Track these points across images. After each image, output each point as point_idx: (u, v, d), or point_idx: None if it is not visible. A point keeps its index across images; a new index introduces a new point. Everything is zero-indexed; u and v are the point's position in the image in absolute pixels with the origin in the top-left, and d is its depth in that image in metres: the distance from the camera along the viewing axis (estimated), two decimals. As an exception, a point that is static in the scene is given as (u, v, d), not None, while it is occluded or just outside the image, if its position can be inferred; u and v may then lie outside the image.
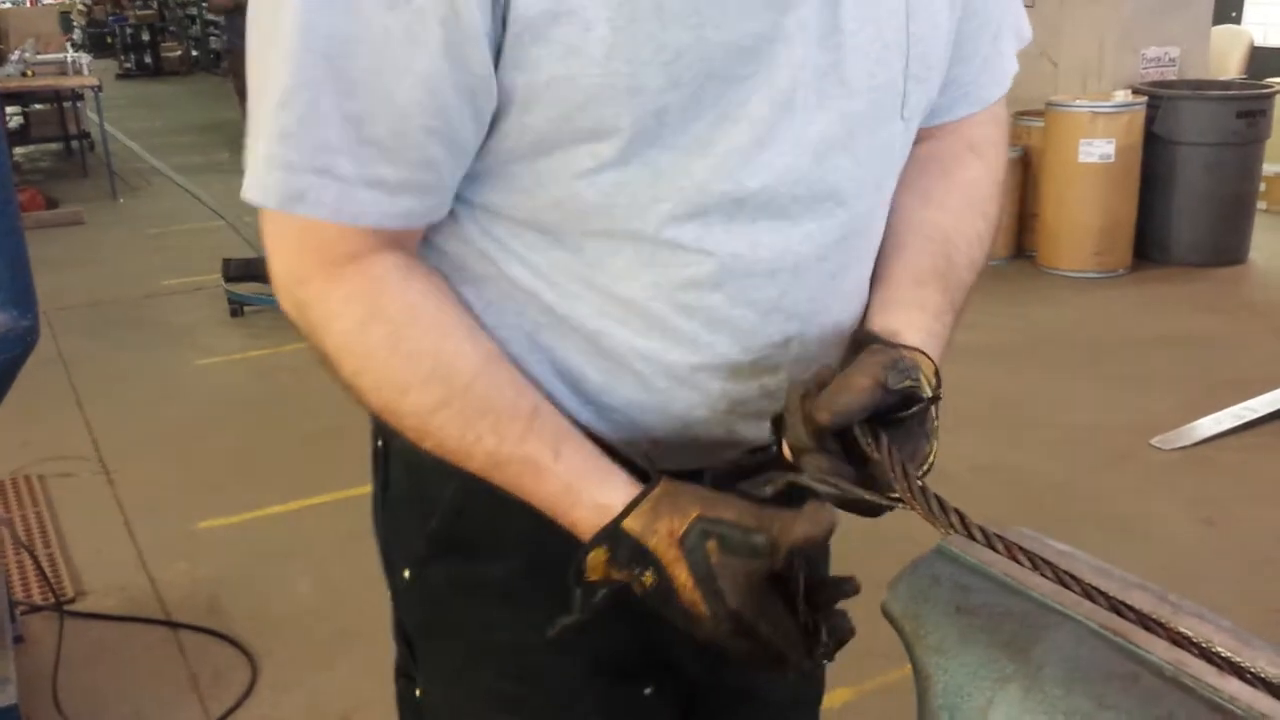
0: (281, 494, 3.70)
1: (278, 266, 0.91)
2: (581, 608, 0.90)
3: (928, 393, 0.89)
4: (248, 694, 2.70)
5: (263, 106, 0.83)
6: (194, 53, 18.03)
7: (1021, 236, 6.13)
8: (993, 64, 1.10)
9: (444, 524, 1.03)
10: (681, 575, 0.85)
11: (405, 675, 1.13)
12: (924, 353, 0.93)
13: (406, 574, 1.07)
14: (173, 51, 17.56)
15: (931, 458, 0.90)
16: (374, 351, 0.89)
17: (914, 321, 0.98)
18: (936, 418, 0.91)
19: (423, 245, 0.95)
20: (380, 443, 1.09)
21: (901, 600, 0.79)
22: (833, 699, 2.65)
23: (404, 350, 0.89)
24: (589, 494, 0.90)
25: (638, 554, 0.87)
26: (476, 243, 0.94)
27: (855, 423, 0.85)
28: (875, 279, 1.03)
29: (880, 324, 0.98)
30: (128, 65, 17.42)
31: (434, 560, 1.04)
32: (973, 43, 1.06)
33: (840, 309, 0.99)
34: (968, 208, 1.08)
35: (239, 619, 3.01)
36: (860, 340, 0.94)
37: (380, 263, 0.89)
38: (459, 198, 0.93)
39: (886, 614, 0.80)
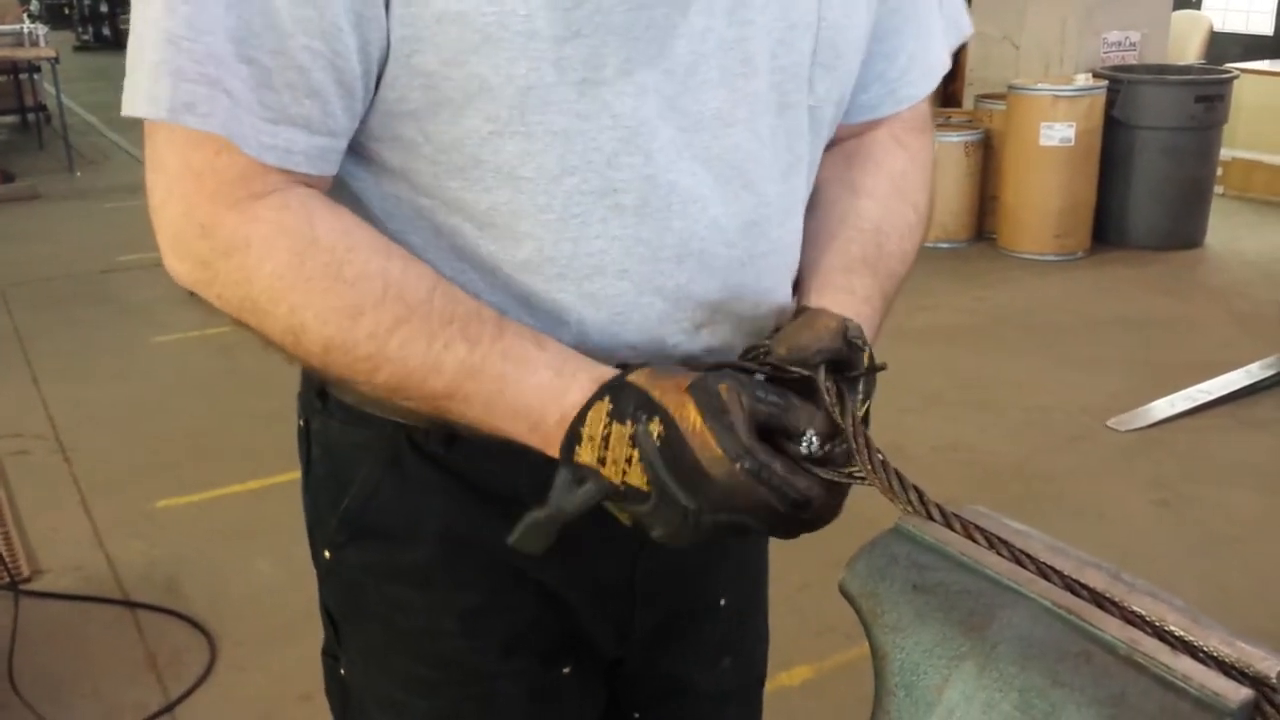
0: (241, 473, 3.67)
1: (172, 223, 0.83)
2: (558, 501, 0.84)
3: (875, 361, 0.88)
4: (206, 674, 2.69)
5: (149, 13, 0.79)
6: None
7: (982, 219, 6.17)
8: (919, 61, 1.07)
9: (356, 507, 1.01)
10: (690, 414, 0.79)
11: (331, 655, 1.12)
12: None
13: (326, 554, 1.06)
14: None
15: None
16: (315, 282, 0.82)
17: (842, 304, 0.97)
18: (869, 397, 0.89)
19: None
20: (303, 422, 1.07)
21: (859, 579, 0.79)
22: (793, 677, 2.67)
23: (349, 276, 0.82)
24: (584, 371, 0.85)
25: (643, 402, 0.81)
26: (381, 207, 0.91)
27: (821, 376, 0.84)
28: (806, 269, 1.02)
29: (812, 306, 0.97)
30: (86, 37, 17.16)
31: (350, 544, 1.03)
32: (897, 38, 1.04)
33: (753, 300, 0.97)
34: (897, 198, 1.06)
35: (197, 599, 2.99)
36: (798, 314, 0.93)
37: (298, 195, 0.83)
38: (362, 168, 0.89)
39: (844, 592, 0.80)
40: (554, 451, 0.85)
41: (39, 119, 9.60)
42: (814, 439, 0.82)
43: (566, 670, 1.06)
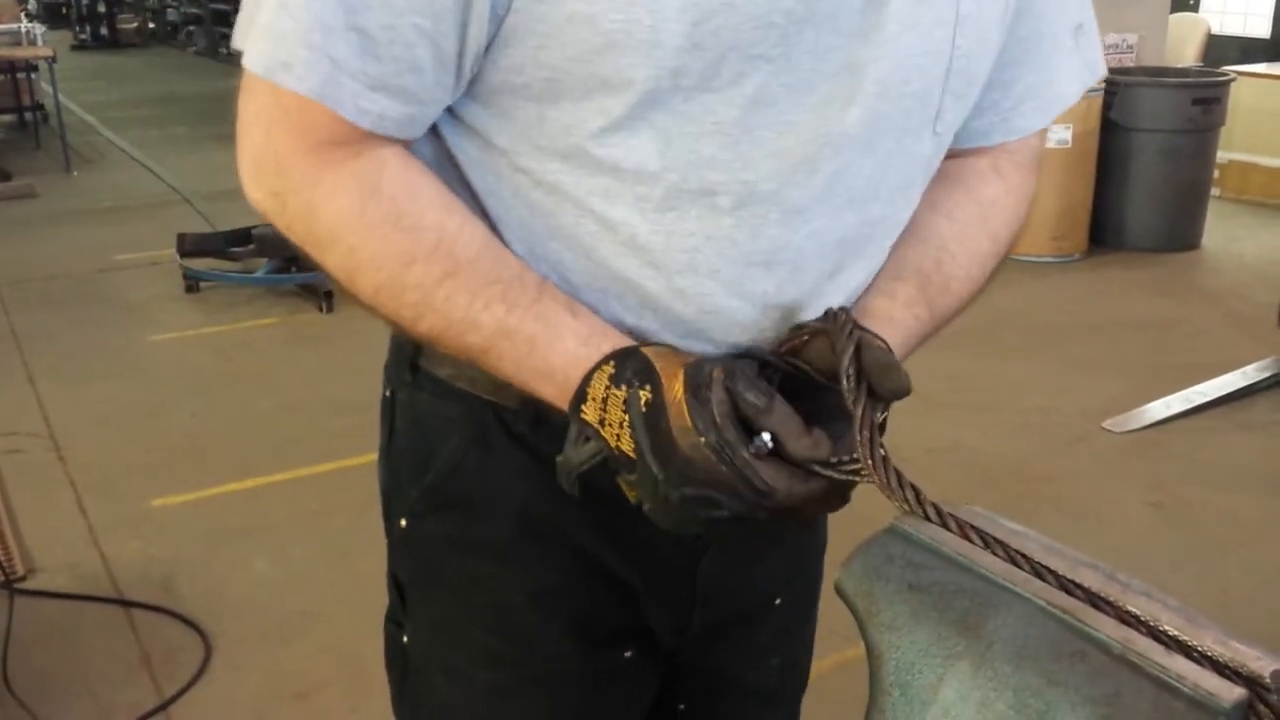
0: (237, 472, 3.67)
1: (253, 149, 0.88)
2: (567, 452, 0.90)
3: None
4: (201, 673, 2.69)
5: None
6: (150, 25, 17.77)
7: (980, 220, 6.16)
8: (1036, 93, 1.05)
9: (439, 480, 1.04)
10: (676, 386, 0.83)
11: (395, 622, 1.14)
12: (878, 335, 0.91)
13: (403, 523, 1.08)
14: (129, 23, 17.29)
15: None
16: (375, 228, 0.87)
17: (880, 307, 0.98)
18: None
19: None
20: (388, 392, 1.10)
21: (855, 578, 0.80)
22: (788, 678, 2.67)
23: (407, 225, 0.87)
24: (609, 342, 0.88)
25: (641, 370, 0.85)
26: (480, 169, 0.94)
27: (846, 371, 0.85)
28: None
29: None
30: (83, 36, 17.12)
31: (430, 514, 1.06)
32: (1017, 68, 1.02)
33: (822, 305, 0.96)
34: (977, 224, 1.05)
35: (193, 598, 2.98)
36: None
37: (375, 148, 0.87)
38: (468, 140, 0.92)
39: (840, 592, 0.80)
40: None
41: (36, 118, 9.59)
42: (766, 438, 0.83)
43: (628, 654, 1.09)
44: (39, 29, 8.91)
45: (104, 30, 17.17)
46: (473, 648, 1.08)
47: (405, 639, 1.13)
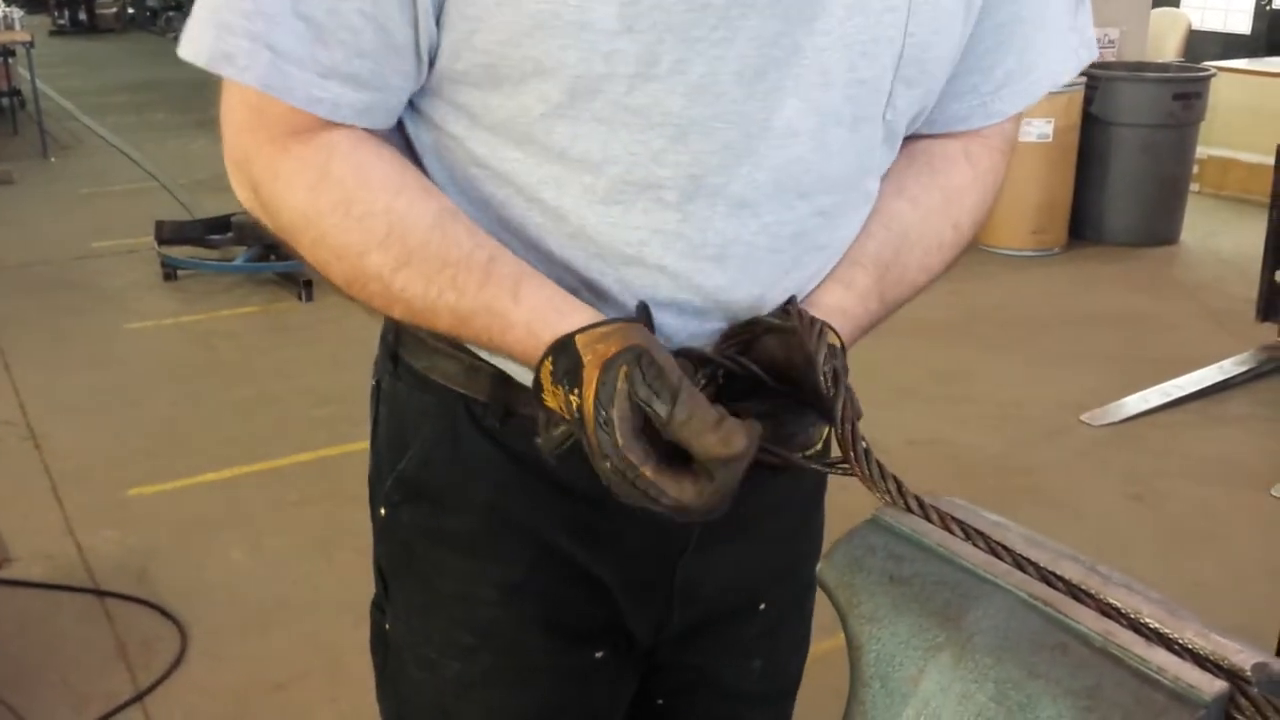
0: (215, 462, 3.65)
1: (228, 145, 0.89)
2: (543, 436, 0.89)
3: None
4: (177, 663, 2.67)
5: None
6: (129, 10, 17.64)
7: (961, 214, 6.17)
8: (1017, 79, 1.03)
9: (412, 469, 1.04)
10: (588, 400, 0.80)
11: (379, 608, 1.15)
12: (830, 326, 0.90)
13: (382, 512, 1.09)
14: (108, 8, 17.17)
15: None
16: (327, 217, 0.86)
17: (837, 296, 0.96)
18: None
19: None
20: (375, 381, 1.10)
21: (836, 570, 0.79)
22: (767, 669, 2.68)
23: (356, 213, 0.86)
24: (549, 330, 0.85)
25: (571, 370, 0.82)
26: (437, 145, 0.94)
27: (822, 370, 0.83)
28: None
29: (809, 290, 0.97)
30: (61, 21, 17.00)
31: (403, 503, 1.06)
32: (996, 54, 1.00)
33: (788, 294, 0.96)
34: (940, 213, 1.04)
35: (169, 588, 2.97)
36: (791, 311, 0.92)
37: (330, 134, 0.87)
38: (426, 131, 0.92)
39: (821, 583, 0.80)
40: None
41: (13, 104, 9.50)
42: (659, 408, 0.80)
43: (599, 655, 1.08)
44: (17, 13, 8.83)
45: (83, 15, 17.05)
46: (443, 638, 1.07)
47: (387, 625, 1.13)
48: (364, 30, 0.83)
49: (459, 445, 1.01)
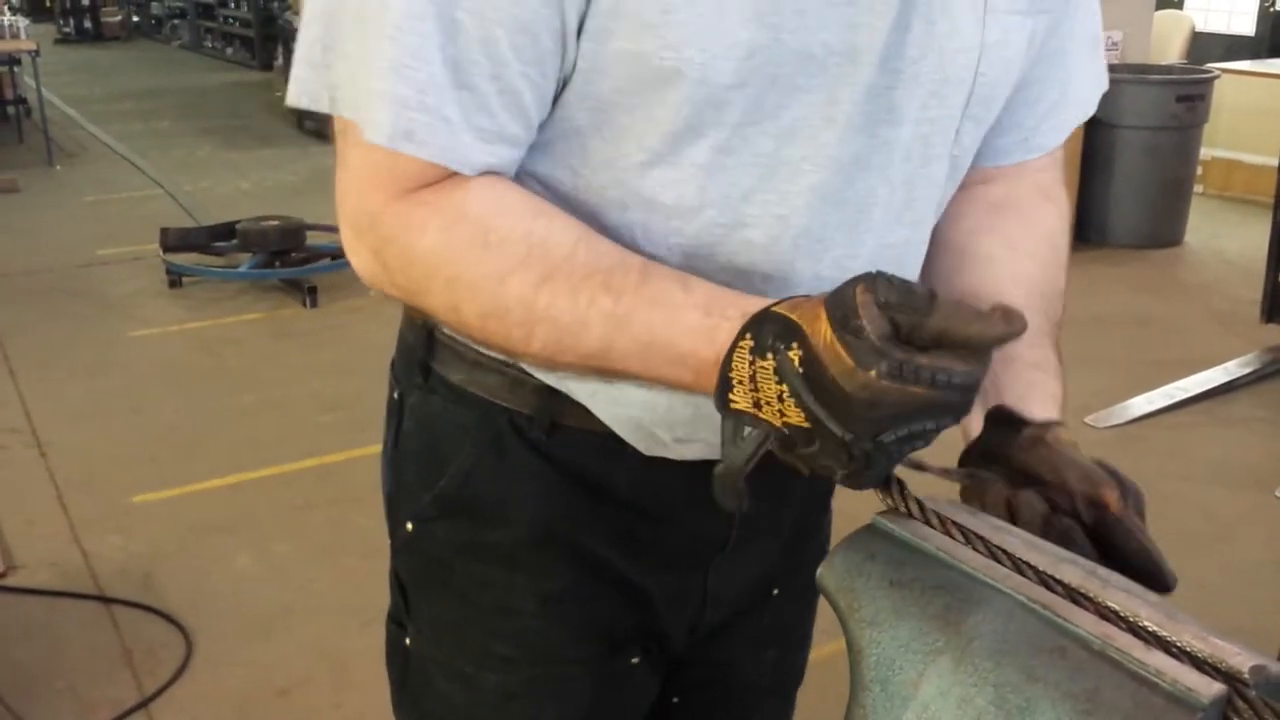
0: (220, 468, 3.66)
1: (351, 214, 0.87)
2: (728, 457, 0.78)
3: None
4: (182, 669, 2.67)
5: (367, 38, 0.80)
6: (135, 18, 17.68)
7: (964, 217, 6.18)
8: (1059, 110, 1.07)
9: (453, 486, 1.03)
10: (821, 329, 0.71)
11: (397, 623, 1.14)
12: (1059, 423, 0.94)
13: (409, 526, 1.07)
14: (113, 16, 17.19)
15: None
16: (464, 251, 0.84)
17: (1037, 383, 0.99)
18: None
19: None
20: (397, 394, 1.09)
21: (836, 574, 0.79)
22: (772, 673, 2.68)
23: (495, 240, 0.83)
24: (734, 306, 0.79)
25: (782, 329, 0.73)
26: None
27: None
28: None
29: (1006, 387, 0.97)
30: (67, 30, 17.03)
31: (440, 519, 1.05)
32: (1040, 86, 1.03)
33: None
34: (1054, 261, 1.07)
35: (175, 594, 2.97)
36: (994, 417, 0.92)
37: (465, 178, 0.85)
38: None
39: (821, 588, 0.80)
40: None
41: (19, 112, 9.52)
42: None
43: (635, 660, 1.09)
44: (22, 22, 8.87)
45: (88, 24, 17.07)
46: (479, 651, 1.07)
47: (407, 640, 1.12)
48: (524, 91, 0.83)
49: (504, 459, 1.00)
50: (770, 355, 0.74)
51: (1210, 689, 0.63)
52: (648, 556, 1.04)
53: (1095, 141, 5.95)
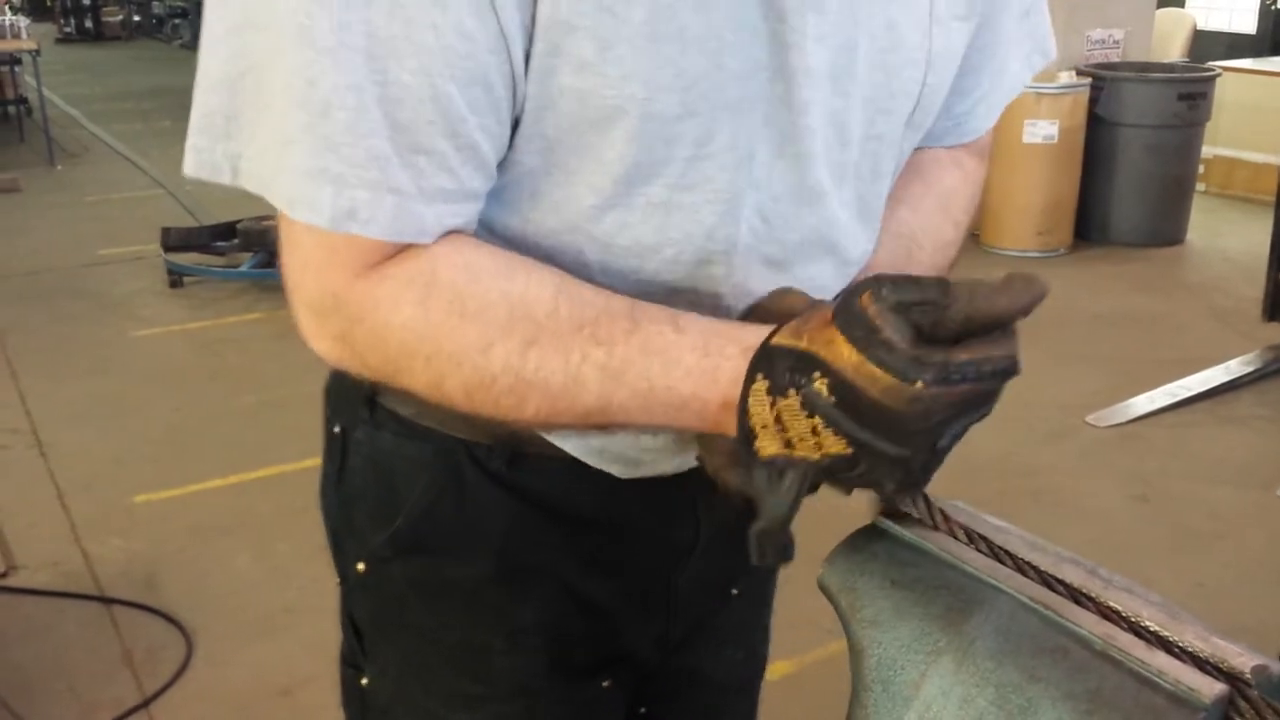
0: (221, 468, 3.65)
1: (308, 298, 0.81)
2: (768, 509, 0.75)
3: None
4: (183, 670, 2.67)
5: (291, 113, 0.74)
6: (135, 18, 17.68)
7: (965, 215, 6.18)
8: (989, 99, 1.06)
9: (409, 524, 0.98)
10: (844, 352, 0.68)
11: (352, 665, 1.10)
12: None
13: (361, 567, 1.03)
14: (114, 16, 17.21)
15: None
16: (442, 324, 0.78)
17: None
18: None
19: None
20: (338, 429, 1.04)
21: (838, 574, 0.79)
22: (773, 671, 2.65)
23: (473, 309, 0.78)
24: (731, 342, 0.76)
25: (796, 361, 0.71)
26: None
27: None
28: None
29: None
30: (67, 29, 17.05)
31: (395, 559, 1.01)
32: (974, 76, 1.02)
33: None
34: (940, 212, 1.05)
35: (176, 594, 2.97)
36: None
37: (428, 244, 0.80)
38: None
39: (823, 588, 0.80)
40: (733, 432, 0.77)
41: (20, 112, 9.53)
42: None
43: (606, 684, 1.06)
44: (23, 22, 8.87)
45: (89, 23, 17.09)
46: (446, 691, 1.04)
47: (365, 681, 1.08)
48: (482, 144, 0.78)
49: (465, 493, 0.96)
50: (793, 391, 0.71)
51: (1212, 689, 0.62)
52: (617, 575, 1.02)
53: (1097, 140, 5.95)
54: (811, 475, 0.73)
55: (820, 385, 0.69)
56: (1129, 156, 6.00)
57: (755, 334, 0.76)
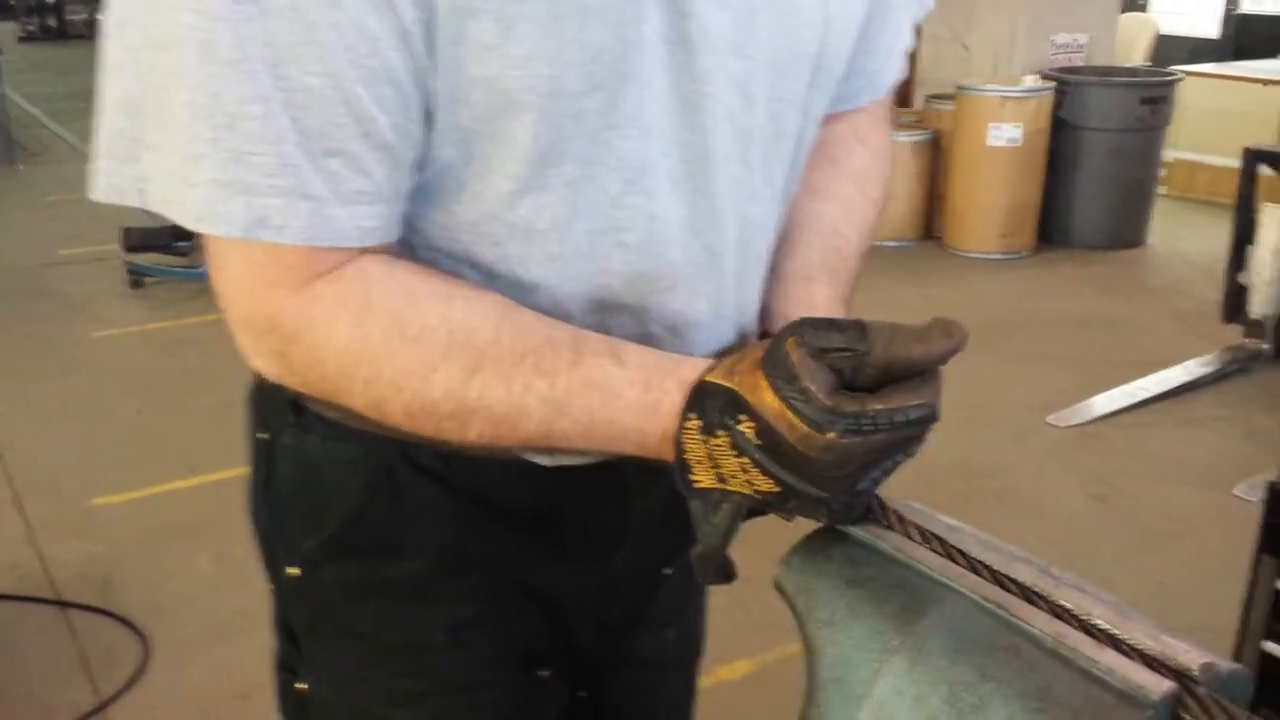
0: (181, 469, 3.62)
1: (243, 317, 0.81)
2: (705, 536, 0.78)
3: None
4: (139, 674, 2.64)
5: (197, 128, 0.73)
6: (99, 16, 17.49)
7: (930, 218, 6.22)
8: (895, 52, 1.09)
9: (343, 527, 0.97)
10: (767, 397, 0.71)
11: (288, 669, 1.08)
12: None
13: (295, 572, 1.02)
14: (77, 14, 17.02)
15: None
16: (380, 348, 0.79)
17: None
18: None
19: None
20: (265, 436, 1.02)
21: (794, 575, 0.79)
22: (734, 671, 2.67)
23: (413, 333, 0.79)
24: (670, 377, 0.79)
25: (726, 402, 0.74)
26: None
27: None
28: (770, 275, 1.02)
29: (776, 324, 0.98)
30: (30, 28, 16.86)
31: (328, 562, 0.99)
32: (880, 37, 1.05)
33: (736, 314, 0.97)
34: (856, 196, 1.07)
35: (133, 598, 2.94)
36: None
37: (358, 263, 0.80)
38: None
39: (779, 588, 0.80)
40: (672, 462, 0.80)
41: (-22, 110, 9.43)
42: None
43: (548, 673, 1.06)
44: (-18, 20, 8.75)
45: (52, 21, 16.90)
46: (387, 690, 1.03)
47: (301, 685, 1.07)
48: (397, 143, 0.78)
49: (399, 494, 0.95)
50: (721, 432, 0.74)
51: (1160, 687, 0.63)
52: (556, 564, 1.01)
53: (1060, 143, 6.00)
54: (746, 507, 0.77)
55: (747, 428, 0.73)
56: (1092, 160, 6.06)
57: (693, 369, 0.79)
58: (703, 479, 0.77)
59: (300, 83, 0.73)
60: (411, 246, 0.86)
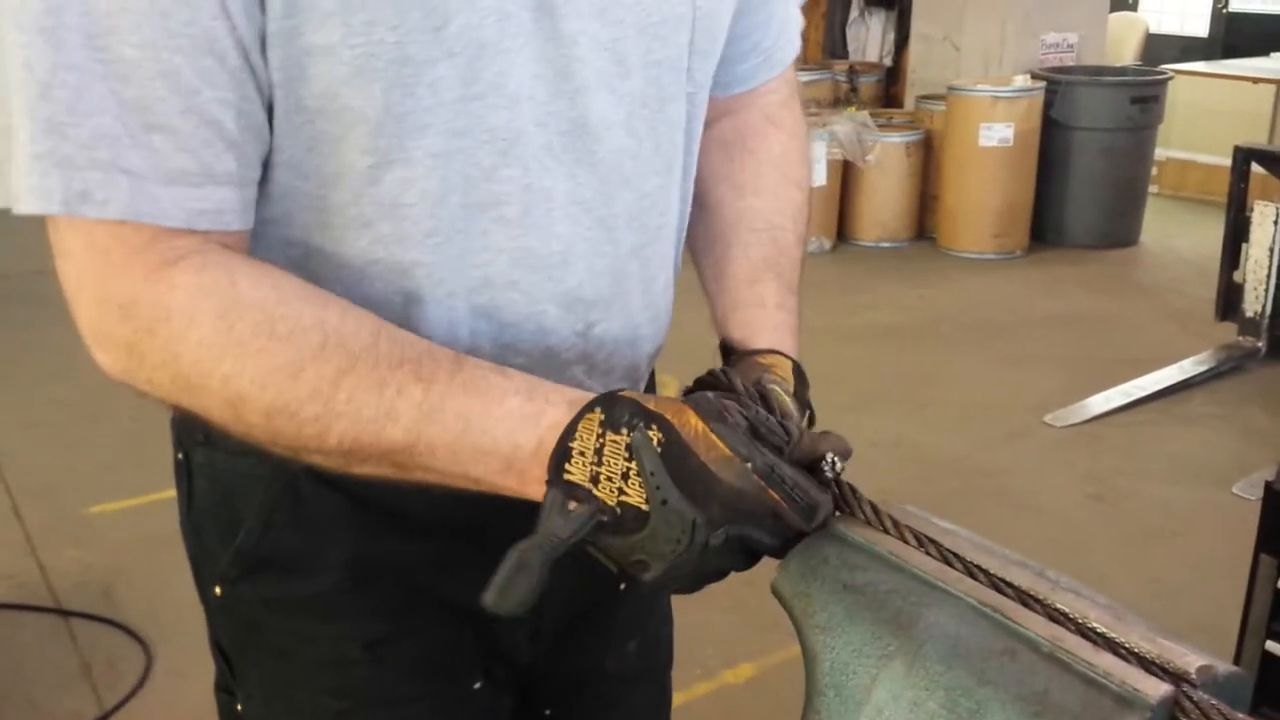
0: (179, 476, 3.61)
1: (88, 304, 0.77)
2: (549, 527, 0.76)
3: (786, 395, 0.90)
4: (142, 682, 2.64)
5: (24, 102, 0.72)
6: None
7: (922, 218, 6.23)
8: (787, 24, 1.08)
9: (250, 542, 0.96)
10: (691, 419, 0.74)
11: (225, 690, 1.08)
12: (779, 352, 0.95)
13: (217, 590, 1.01)
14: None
15: None
16: (247, 344, 0.76)
17: (757, 320, 0.99)
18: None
19: None
20: (181, 455, 1.02)
21: (791, 579, 0.80)
22: (737, 674, 2.68)
23: (283, 331, 0.76)
24: (558, 392, 0.79)
25: (639, 411, 0.75)
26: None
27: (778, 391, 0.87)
28: (712, 280, 1.03)
29: (732, 331, 0.99)
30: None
31: (243, 579, 0.98)
32: (770, 7, 1.05)
33: (640, 288, 0.97)
34: (781, 184, 1.08)
35: (134, 606, 2.93)
36: (723, 349, 0.97)
37: (215, 253, 0.78)
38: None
39: (777, 594, 0.81)
40: (533, 490, 0.78)
41: (-30, 117, 9.40)
42: (836, 460, 0.80)
43: (477, 686, 1.04)
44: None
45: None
46: (312, 708, 1.02)
47: (239, 707, 1.06)
48: (226, 120, 0.76)
49: (303, 506, 0.94)
50: (625, 431, 0.75)
51: (1158, 690, 0.63)
52: (469, 575, 0.96)
53: (1051, 143, 6.01)
54: (597, 515, 0.75)
55: (654, 435, 0.74)
56: (1083, 159, 6.07)
57: (584, 394, 0.79)
58: (575, 472, 0.76)
59: (119, 54, 0.72)
60: (270, 247, 0.85)
